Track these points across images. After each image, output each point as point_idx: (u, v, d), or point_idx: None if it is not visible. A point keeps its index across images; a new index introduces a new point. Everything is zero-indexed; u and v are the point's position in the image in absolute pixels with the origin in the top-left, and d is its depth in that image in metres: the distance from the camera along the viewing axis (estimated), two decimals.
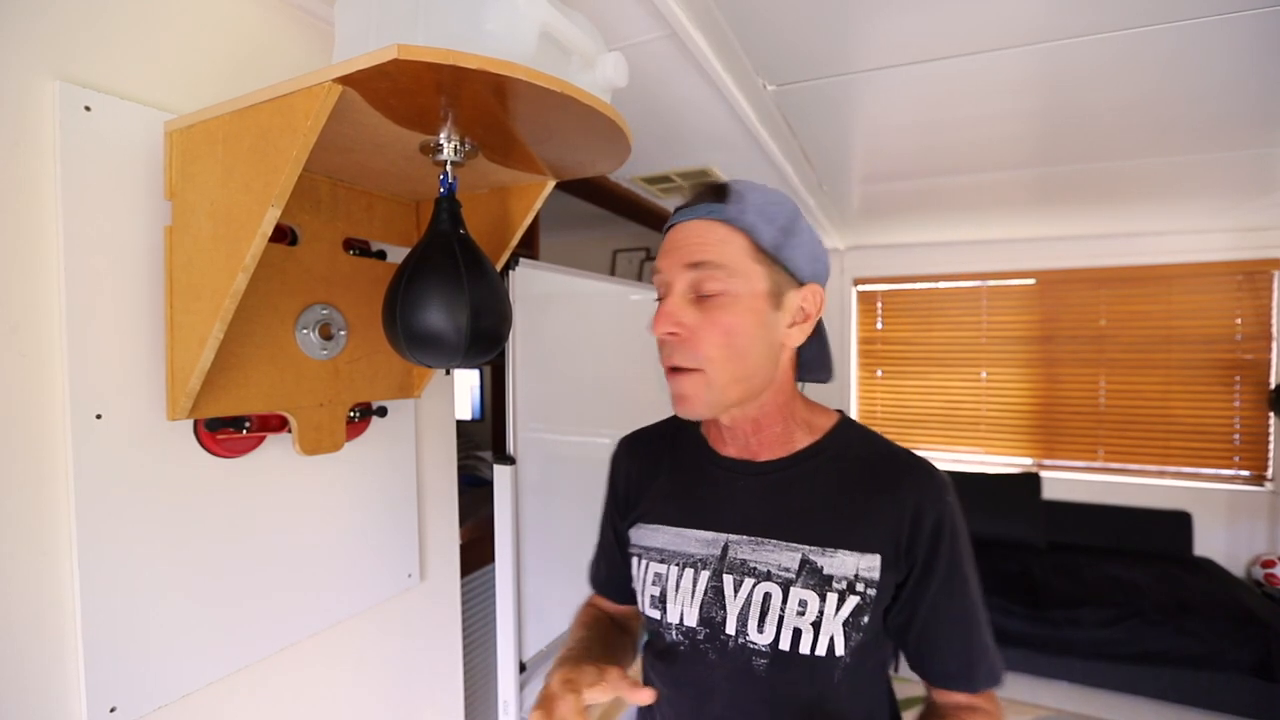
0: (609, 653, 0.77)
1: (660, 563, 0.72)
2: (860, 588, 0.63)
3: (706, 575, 0.68)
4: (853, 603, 0.63)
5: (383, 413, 0.98)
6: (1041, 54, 1.19)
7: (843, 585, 0.63)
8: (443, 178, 0.72)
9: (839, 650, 0.62)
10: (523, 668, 1.38)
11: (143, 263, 0.70)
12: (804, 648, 0.62)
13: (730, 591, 0.66)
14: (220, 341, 0.65)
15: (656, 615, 0.71)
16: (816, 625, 0.62)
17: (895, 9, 1.05)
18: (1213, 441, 3.11)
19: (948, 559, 0.64)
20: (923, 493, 0.65)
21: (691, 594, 0.69)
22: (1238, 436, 3.07)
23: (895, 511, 0.64)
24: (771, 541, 0.66)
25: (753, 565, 0.66)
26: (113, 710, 0.68)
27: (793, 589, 0.64)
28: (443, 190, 0.72)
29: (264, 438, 0.83)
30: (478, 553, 1.54)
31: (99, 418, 0.67)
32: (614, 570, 0.82)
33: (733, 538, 0.68)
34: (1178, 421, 3.15)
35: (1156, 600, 2.52)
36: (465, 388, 3.02)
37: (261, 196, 0.58)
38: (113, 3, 0.68)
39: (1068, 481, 3.30)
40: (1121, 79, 1.31)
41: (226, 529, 0.79)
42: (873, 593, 0.63)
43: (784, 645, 0.63)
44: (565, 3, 0.66)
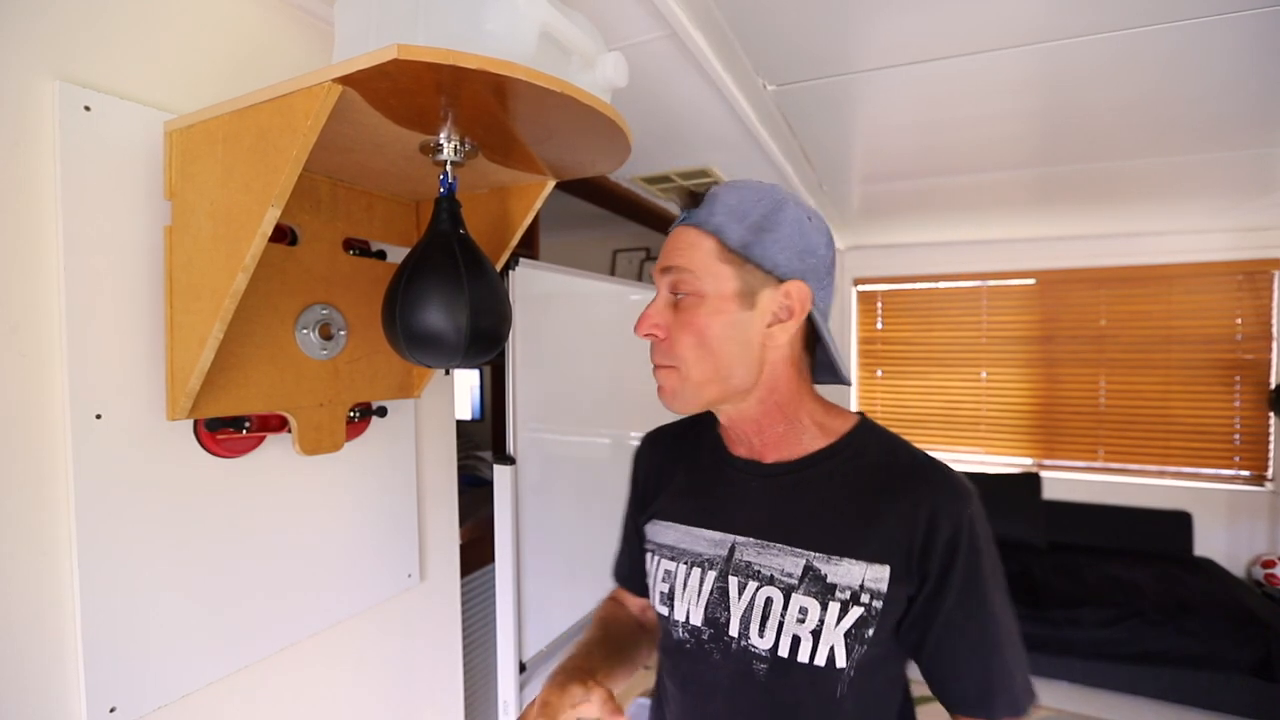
0: (617, 655, 0.79)
1: (670, 560, 0.73)
2: (865, 599, 0.61)
3: (713, 575, 0.68)
4: (856, 614, 0.60)
5: (383, 413, 0.98)
6: (1041, 54, 1.19)
7: (846, 595, 0.61)
8: (443, 178, 0.72)
9: (839, 662, 0.60)
10: (523, 668, 1.38)
11: (143, 263, 0.70)
12: (803, 656, 0.61)
13: (735, 593, 0.66)
14: (220, 341, 0.65)
15: (665, 612, 0.72)
16: (816, 634, 0.61)
17: (895, 9, 1.05)
18: (1213, 441, 3.11)
19: (965, 574, 0.60)
20: (939, 502, 0.61)
21: (698, 593, 0.69)
22: (1238, 436, 3.07)
23: (907, 521, 0.61)
24: (777, 545, 0.65)
25: (757, 568, 0.66)
26: (112, 710, 0.68)
27: (794, 595, 0.63)
28: (443, 190, 0.72)
29: (264, 438, 0.83)
30: (478, 553, 1.54)
31: (99, 418, 0.67)
32: (636, 564, 0.83)
33: (740, 539, 0.68)
34: (1178, 421, 3.15)
35: (1156, 600, 2.52)
36: (465, 388, 3.02)
37: (261, 196, 0.58)
38: (113, 3, 0.68)
39: (1068, 481, 3.30)
40: (1121, 79, 1.30)
41: (226, 529, 0.79)
42: (879, 605, 0.60)
43: (783, 652, 0.62)
44: (565, 3, 0.66)
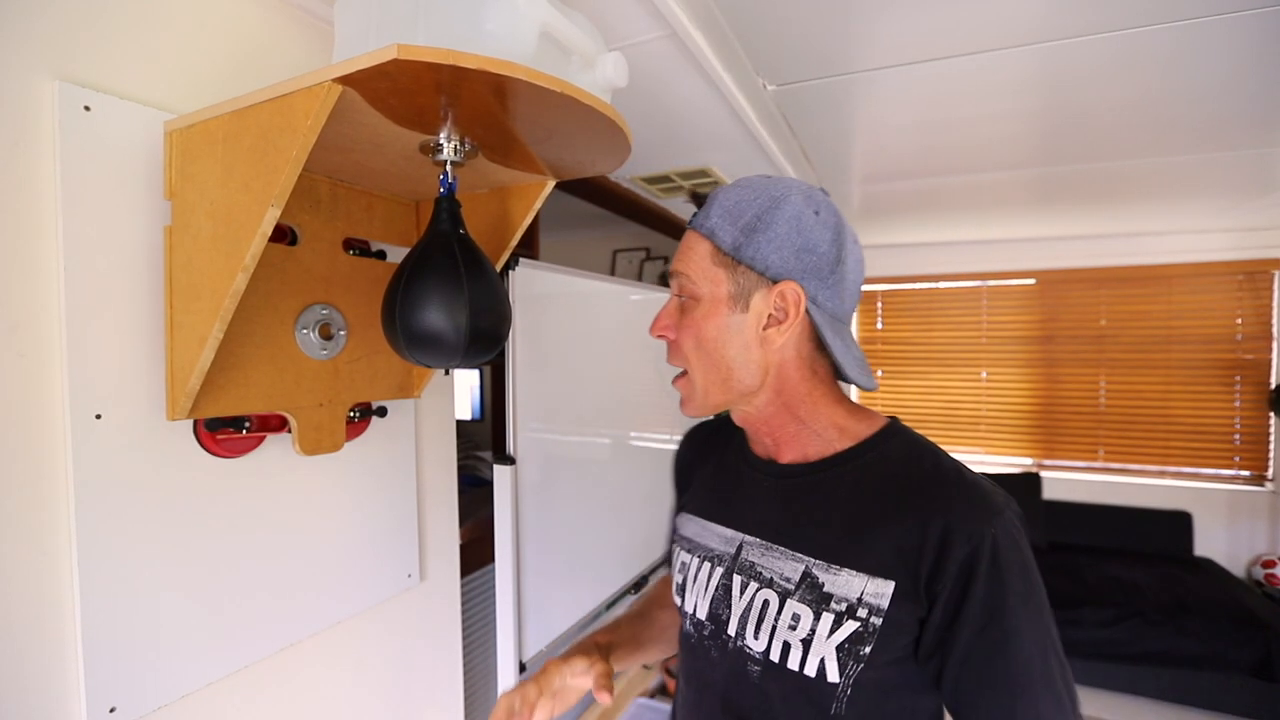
0: (643, 635, 0.85)
1: (687, 553, 0.74)
2: (863, 613, 0.57)
3: (720, 572, 0.69)
4: (850, 628, 0.57)
5: (383, 413, 0.98)
6: (1041, 54, 1.19)
7: (842, 607, 0.58)
8: (443, 178, 0.72)
9: (831, 675, 0.57)
10: (523, 668, 1.38)
11: (142, 263, 0.70)
12: (792, 663, 0.59)
13: (737, 592, 0.66)
14: (220, 341, 0.65)
15: (679, 603, 0.74)
16: (806, 643, 0.59)
17: (895, 9, 1.05)
18: (1213, 441, 3.11)
19: (985, 603, 0.54)
20: (955, 516, 0.55)
21: (705, 588, 0.69)
22: (1238, 436, 3.08)
23: (918, 535, 0.56)
24: (780, 548, 0.64)
25: (759, 569, 0.65)
26: (112, 710, 0.68)
27: (789, 600, 0.61)
28: (443, 190, 0.72)
29: (264, 438, 0.83)
30: (478, 553, 1.54)
31: (99, 418, 0.67)
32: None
33: (748, 538, 0.68)
34: (1178, 421, 3.15)
35: (1157, 600, 2.52)
36: (465, 388, 3.02)
37: (261, 196, 0.58)
38: (113, 3, 0.68)
39: (1068, 481, 3.30)
40: (1121, 79, 1.30)
41: (226, 529, 0.79)
42: (878, 622, 0.56)
43: (774, 656, 0.61)
44: (565, 3, 0.66)
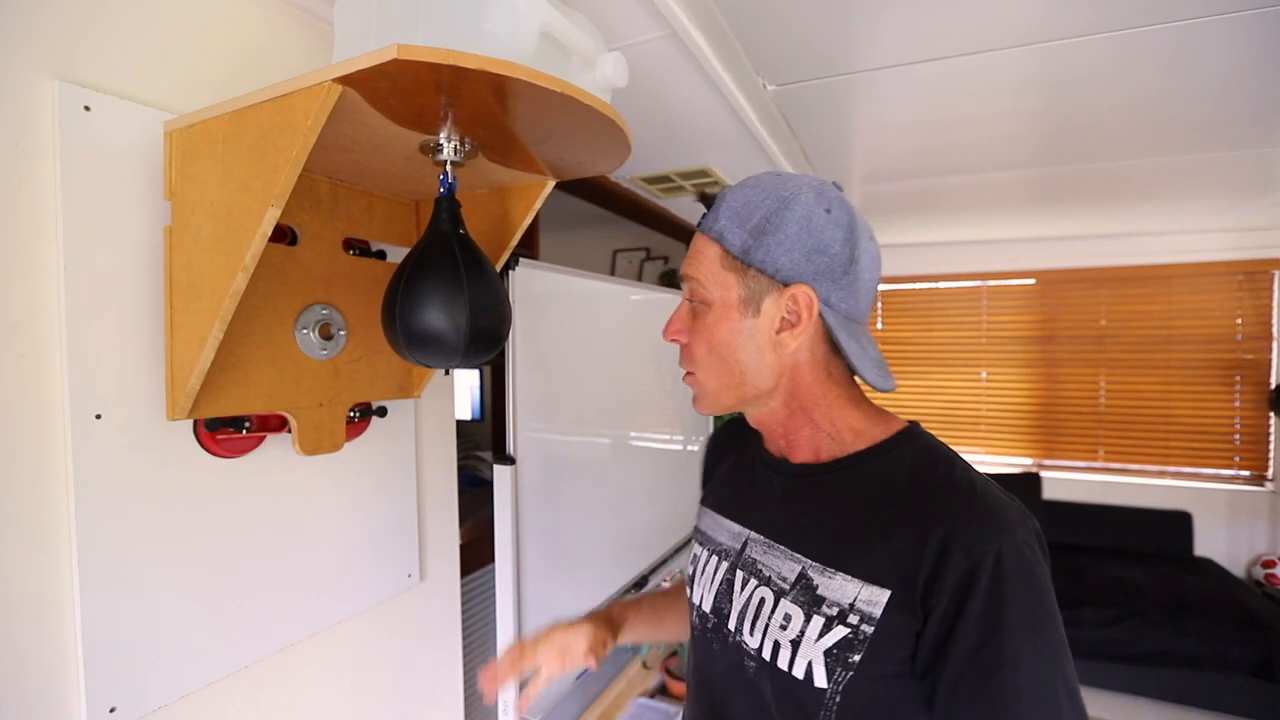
0: (664, 612, 0.91)
1: (699, 545, 0.76)
2: (853, 620, 0.55)
3: (725, 567, 0.69)
4: (840, 634, 0.55)
5: (383, 413, 0.98)
6: (1041, 54, 1.19)
7: (833, 611, 0.56)
8: (443, 178, 0.72)
9: (819, 680, 0.56)
10: None
11: (142, 263, 0.70)
12: (781, 663, 0.59)
13: (738, 588, 0.67)
14: (220, 341, 0.65)
15: (689, 593, 0.75)
16: (795, 644, 0.58)
17: (895, 9, 1.04)
18: (1213, 441, 3.11)
19: (982, 623, 0.49)
20: (957, 528, 0.52)
21: (711, 581, 0.70)
22: (1238, 436, 3.08)
23: (917, 545, 0.53)
24: (781, 547, 0.64)
25: (760, 567, 0.65)
26: (112, 710, 0.68)
27: (783, 600, 0.61)
28: (443, 190, 0.72)
29: (264, 438, 0.83)
30: (478, 553, 1.54)
31: (99, 418, 0.67)
32: None
33: (753, 535, 0.68)
34: (1178, 421, 3.15)
35: (1157, 600, 2.52)
36: (465, 388, 3.02)
37: (261, 196, 0.58)
38: (113, 3, 0.68)
39: (1068, 481, 3.30)
40: (1121, 79, 1.30)
41: (226, 529, 0.79)
42: (869, 630, 0.54)
43: (766, 654, 0.61)
44: (565, 3, 0.66)
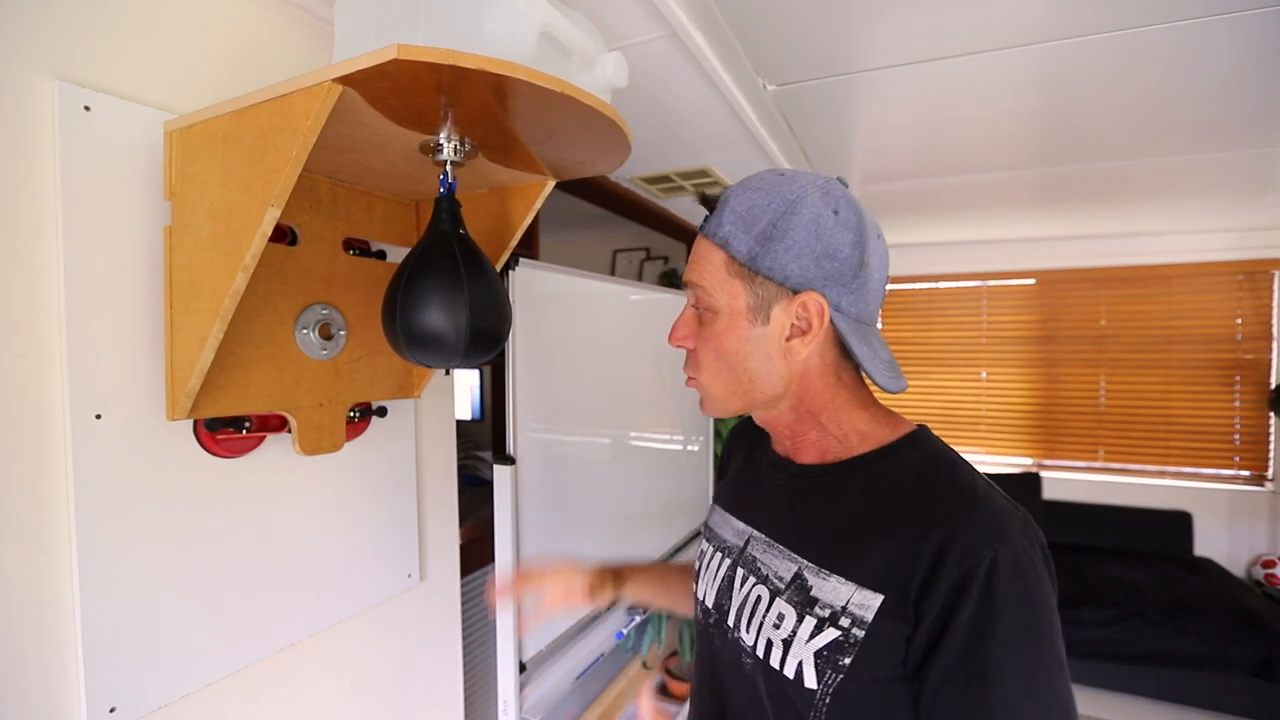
0: (671, 580, 0.93)
1: (706, 540, 0.77)
2: (845, 623, 0.55)
3: (728, 563, 0.70)
4: (831, 636, 0.55)
5: (383, 413, 0.98)
6: (1041, 54, 1.19)
7: (825, 613, 0.56)
8: (443, 178, 0.72)
9: (809, 681, 0.56)
10: (523, 668, 1.38)
11: (142, 263, 0.70)
12: (774, 662, 0.60)
13: (738, 585, 0.67)
14: (220, 341, 0.65)
15: (695, 588, 0.76)
16: (786, 643, 0.58)
17: (895, 9, 1.05)
18: (1213, 441, 3.11)
19: (970, 631, 0.48)
20: (953, 533, 0.51)
21: (714, 577, 0.71)
22: (1238, 436, 3.08)
23: (912, 549, 0.53)
24: (780, 547, 0.65)
25: (759, 565, 0.66)
26: (112, 710, 0.68)
27: (778, 599, 0.61)
28: (443, 190, 0.72)
29: (264, 438, 0.83)
30: (478, 553, 1.54)
31: (99, 418, 0.67)
32: None
33: (756, 534, 0.69)
34: (1178, 421, 3.15)
35: (1157, 600, 2.52)
36: (465, 388, 3.02)
37: (261, 196, 0.58)
38: (113, 3, 0.68)
39: (1068, 481, 3.30)
40: (1121, 79, 1.30)
41: (226, 529, 0.79)
42: (860, 634, 0.54)
43: (759, 652, 0.62)
44: (565, 3, 0.66)
